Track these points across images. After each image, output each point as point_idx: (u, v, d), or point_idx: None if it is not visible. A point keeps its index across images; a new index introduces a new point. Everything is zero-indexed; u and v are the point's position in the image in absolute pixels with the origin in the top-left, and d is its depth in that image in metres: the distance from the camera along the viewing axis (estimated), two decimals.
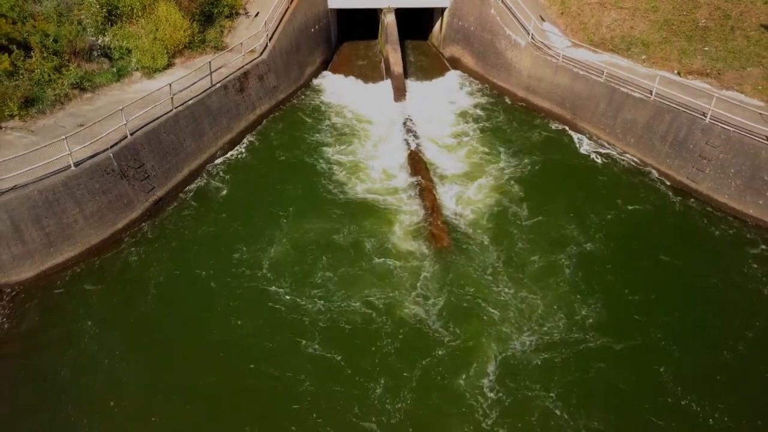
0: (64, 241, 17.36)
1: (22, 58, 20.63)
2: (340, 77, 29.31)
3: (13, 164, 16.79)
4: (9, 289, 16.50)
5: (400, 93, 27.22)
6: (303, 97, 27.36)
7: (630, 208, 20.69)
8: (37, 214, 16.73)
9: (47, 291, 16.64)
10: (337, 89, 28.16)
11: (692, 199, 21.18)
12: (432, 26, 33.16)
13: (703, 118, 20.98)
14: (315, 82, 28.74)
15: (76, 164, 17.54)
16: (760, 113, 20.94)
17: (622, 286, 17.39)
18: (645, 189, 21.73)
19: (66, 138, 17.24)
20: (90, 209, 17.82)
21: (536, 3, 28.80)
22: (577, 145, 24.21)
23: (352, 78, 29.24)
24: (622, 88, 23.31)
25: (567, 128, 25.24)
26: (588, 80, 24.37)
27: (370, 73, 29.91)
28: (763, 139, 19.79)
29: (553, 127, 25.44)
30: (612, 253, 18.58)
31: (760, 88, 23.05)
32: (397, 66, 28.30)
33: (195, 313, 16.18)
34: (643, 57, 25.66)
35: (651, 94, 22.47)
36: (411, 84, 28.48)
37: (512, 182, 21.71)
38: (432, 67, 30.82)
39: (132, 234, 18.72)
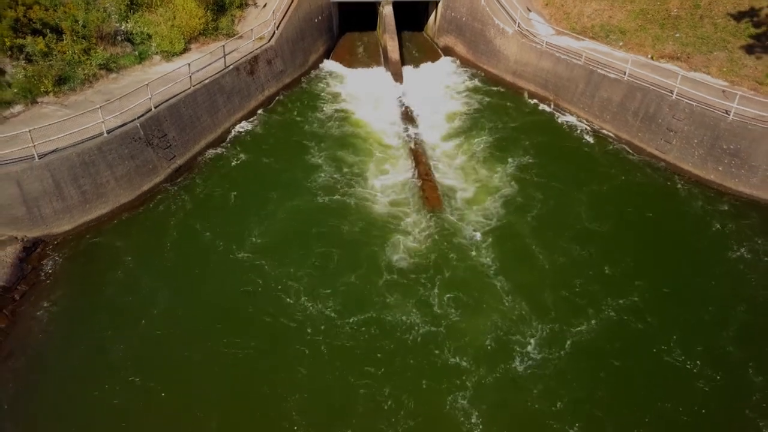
0: (97, 199, 19.57)
1: (54, 40, 22.77)
2: (341, 64, 31.51)
3: (53, 130, 19.00)
4: (50, 240, 18.69)
5: (397, 77, 29.44)
6: (308, 80, 29.59)
7: (603, 172, 23.02)
8: (75, 174, 18.94)
9: (83, 241, 18.85)
10: (338, 74, 30.41)
11: (661, 168, 23.42)
12: (427, 18, 35.41)
13: (671, 95, 23.24)
14: (318, 67, 30.96)
15: (109, 132, 19.75)
16: (723, 90, 23.23)
17: (586, 234, 19.72)
18: (618, 159, 24.00)
19: (100, 108, 19.47)
20: (120, 172, 20.04)
21: None
22: (559, 122, 26.47)
23: (352, 64, 31.45)
24: (599, 70, 25.58)
25: (550, 107, 27.48)
26: (569, 64, 26.63)
27: (369, 60, 32.15)
28: (722, 112, 22.06)
29: (537, 107, 27.69)
30: (582, 205, 21.04)
31: (724, 69, 25.33)
32: (394, 53, 30.53)
33: (207, 255, 18.56)
34: (621, 43, 27.92)
35: (625, 75, 24.73)
36: (407, 70, 30.65)
37: (494, 147, 24.11)
38: (426, 55, 33.06)
39: (156, 195, 20.93)
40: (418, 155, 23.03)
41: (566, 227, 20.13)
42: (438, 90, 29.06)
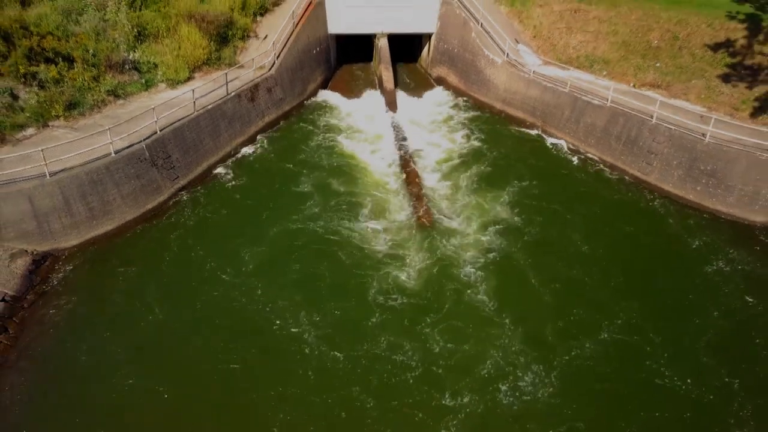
0: (104, 216, 20.55)
1: (66, 68, 24.06)
2: (338, 93, 32.82)
3: (64, 151, 20.08)
4: (59, 253, 19.60)
5: (391, 105, 30.72)
6: (306, 108, 30.86)
7: (589, 193, 24.06)
8: (84, 191, 19.97)
9: (89, 255, 19.76)
10: (335, 102, 31.66)
11: (643, 189, 24.47)
12: (421, 50, 36.96)
13: (651, 119, 24.45)
14: (317, 96, 32.27)
15: (116, 152, 20.84)
16: (701, 116, 24.44)
17: (575, 254, 20.61)
18: (603, 181, 25.08)
19: (109, 129, 20.61)
20: (126, 190, 21.06)
21: (512, 28, 32.60)
22: (547, 146, 27.63)
23: (348, 94, 32.76)
24: (583, 97, 26.86)
25: (538, 133, 28.67)
26: (555, 91, 27.93)
27: (365, 89, 33.47)
28: (699, 135, 23.22)
29: (525, 132, 28.88)
30: (571, 226, 21.94)
31: (702, 96, 26.60)
32: (389, 83, 31.90)
33: (205, 268, 19.45)
34: (604, 73, 29.29)
35: (607, 101, 25.98)
36: (401, 99, 31.93)
37: (484, 170, 25.18)
38: (420, 85, 34.45)
39: (159, 213, 21.91)
40: (411, 177, 24.09)
41: (555, 247, 20.96)
42: (431, 117, 30.30)
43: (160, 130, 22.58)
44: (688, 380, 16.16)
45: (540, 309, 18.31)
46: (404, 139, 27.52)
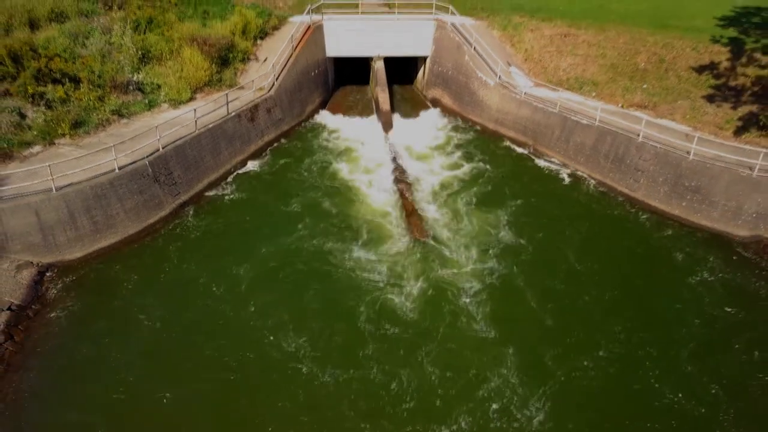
0: (108, 229, 21.23)
1: (72, 89, 24.97)
2: (336, 115, 33.74)
3: (70, 166, 20.84)
4: (63, 265, 20.23)
5: (387, 126, 31.59)
6: (304, 128, 31.75)
7: (580, 210, 24.76)
8: (88, 205, 20.68)
9: (92, 267, 20.39)
10: (333, 123, 32.55)
11: (631, 205, 25.19)
12: (416, 73, 38.01)
13: (637, 138, 25.28)
14: (315, 117, 33.18)
15: (120, 168, 21.60)
16: (686, 134, 25.28)
17: (568, 270, 21.25)
18: (592, 197, 25.79)
19: (113, 146, 21.39)
20: (129, 205, 21.77)
21: (504, 51, 33.65)
22: (538, 165, 28.41)
23: (346, 115, 33.67)
24: (572, 117, 27.73)
25: (529, 152, 29.49)
26: (545, 112, 28.81)
27: (362, 111, 34.40)
28: (684, 153, 24.02)
29: (517, 151, 29.71)
30: (563, 242, 22.56)
31: (688, 116, 27.46)
32: (385, 104, 32.81)
33: (203, 281, 20.08)
34: (593, 94, 30.21)
35: (596, 121, 26.84)
36: (397, 120, 32.81)
37: (477, 187, 25.89)
38: (416, 106, 35.38)
39: (161, 228, 22.59)
40: (405, 195, 24.82)
41: (548, 263, 21.42)
42: (426, 137, 31.12)
43: (163, 148, 23.37)
44: (676, 391, 16.50)
45: (533, 325, 18.68)
46: (399, 158, 28.30)
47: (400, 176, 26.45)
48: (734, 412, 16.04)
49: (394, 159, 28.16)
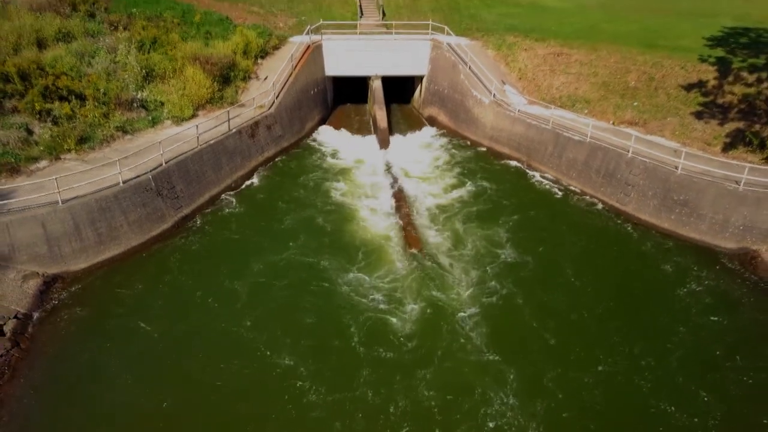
0: (111, 241, 21.81)
1: (78, 106, 25.70)
2: (334, 132, 34.54)
3: (76, 179, 21.49)
4: (68, 275, 20.79)
5: (384, 143, 32.34)
6: (304, 145, 32.48)
7: (573, 223, 25.36)
8: (93, 218, 21.29)
9: (96, 278, 20.93)
10: (332, 140, 33.33)
11: (622, 218, 25.81)
12: (413, 91, 38.89)
13: (627, 153, 25.99)
14: (314, 134, 33.94)
15: (124, 182, 22.25)
16: (674, 150, 26.00)
17: (562, 282, 21.81)
18: (584, 211, 26.42)
19: (118, 161, 22.08)
20: (133, 217, 22.39)
21: (498, 70, 34.54)
22: (532, 180, 29.09)
23: (344, 132, 34.46)
24: (565, 133, 28.48)
25: (523, 167, 30.20)
26: (539, 128, 29.58)
27: (360, 129, 35.20)
28: (672, 167, 24.72)
29: (511, 167, 30.42)
30: (557, 255, 23.13)
31: (677, 133, 28.23)
32: (382, 122, 33.59)
33: (202, 293, 20.57)
34: (586, 111, 31.00)
35: (587, 137, 27.58)
36: (394, 137, 33.55)
37: (471, 201, 26.53)
38: (413, 124, 36.18)
39: (163, 240, 23.16)
40: (401, 205, 25.48)
41: (543, 277, 21.83)
42: (422, 154, 31.85)
43: (166, 163, 24.04)
44: (669, 402, 16.87)
45: (530, 338, 19.06)
46: (395, 174, 28.97)
47: (396, 192, 27.10)
48: (721, 416, 16.49)
49: (391, 175, 28.84)
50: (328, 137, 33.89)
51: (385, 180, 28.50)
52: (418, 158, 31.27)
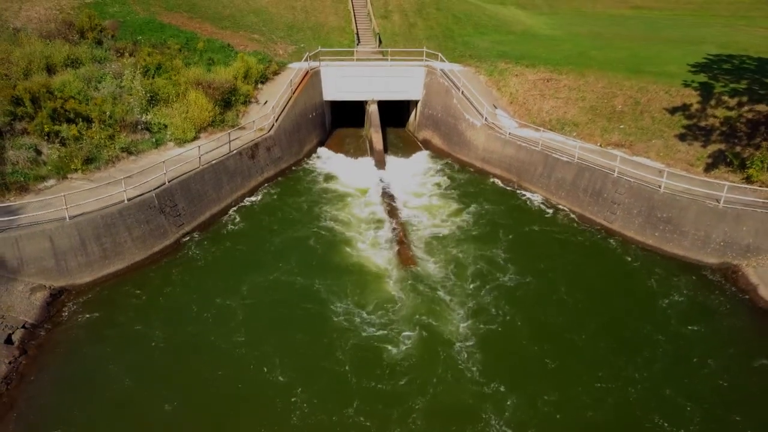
0: (116, 256, 22.67)
1: (85, 128, 26.78)
2: (332, 154, 35.64)
3: (82, 197, 22.44)
4: (74, 289, 21.61)
5: (380, 164, 33.41)
6: (302, 166, 33.55)
7: (562, 241, 26.27)
8: (99, 233, 22.18)
9: (100, 291, 21.75)
10: (329, 162, 34.42)
11: (609, 235, 26.72)
12: (408, 116, 40.13)
13: (613, 173, 27.02)
14: (312, 157, 35.04)
15: (129, 200, 23.20)
16: (659, 170, 27.03)
17: (554, 300, 22.64)
18: (573, 229, 27.34)
19: (123, 179, 23.06)
20: (136, 234, 23.28)
21: (490, 95, 35.79)
22: (522, 200, 30.06)
23: (342, 155, 35.55)
24: (553, 155, 29.56)
25: (514, 188, 31.22)
26: (528, 150, 30.67)
27: (357, 151, 36.31)
28: (655, 186, 25.72)
29: (502, 187, 31.44)
30: (546, 271, 23.98)
31: (661, 154, 29.31)
32: (378, 144, 34.72)
33: (198, 308, 21.38)
34: (574, 134, 32.14)
35: (575, 158, 28.64)
36: (390, 160, 34.66)
37: (462, 218, 27.46)
38: (408, 147, 37.33)
39: (165, 255, 24.05)
40: (393, 221, 26.44)
41: (533, 294, 22.58)
42: (417, 176, 32.87)
43: (169, 182, 25.03)
44: (655, 412, 17.65)
45: (523, 356, 19.73)
46: (391, 194, 29.96)
47: (391, 210, 28.04)
48: (699, 419, 17.20)
49: (386, 195, 29.81)
50: (326, 159, 34.98)
51: (380, 200, 29.42)
52: (413, 179, 32.29)
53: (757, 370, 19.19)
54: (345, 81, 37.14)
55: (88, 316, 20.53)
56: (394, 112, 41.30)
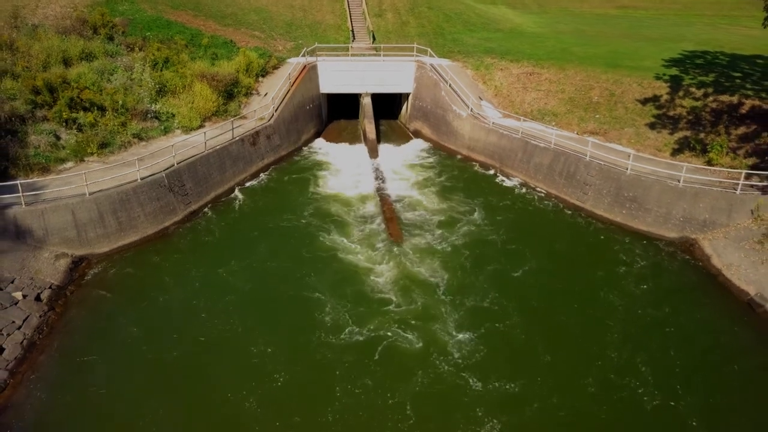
0: (130, 229, 25.02)
1: (100, 116, 29.12)
2: (328, 143, 38.02)
3: (100, 175, 24.79)
4: (92, 257, 23.96)
5: (373, 153, 35.76)
6: (300, 154, 35.94)
7: (539, 220, 28.63)
8: (115, 208, 24.52)
9: (117, 259, 24.10)
10: (325, 150, 36.81)
11: (581, 214, 29.08)
12: (400, 108, 42.51)
13: (585, 157, 29.38)
14: (310, 145, 37.45)
15: (142, 179, 25.55)
16: (628, 154, 29.37)
17: (514, 260, 24.99)
18: (549, 209, 29.70)
19: (137, 160, 25.43)
20: (148, 209, 25.62)
21: (476, 87, 38.16)
22: (503, 184, 32.44)
23: (337, 144, 37.94)
24: (532, 141, 31.92)
25: (496, 172, 33.59)
26: (510, 138, 33.04)
27: (352, 141, 38.68)
28: (623, 168, 28.07)
29: (486, 173, 33.80)
30: (522, 247, 26.27)
31: (632, 141, 31.68)
32: (371, 134, 37.08)
33: (211, 273, 23.74)
34: (554, 123, 34.49)
35: (551, 144, 31.01)
36: (383, 149, 36.98)
37: (449, 203, 29.80)
38: (399, 137, 39.70)
39: (174, 230, 26.39)
40: (384, 201, 28.80)
41: (511, 267, 24.67)
42: (408, 164, 35.19)
43: (177, 164, 27.38)
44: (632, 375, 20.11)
45: (493, 314, 22.10)
46: (383, 181, 32.28)
47: (382, 192, 30.41)
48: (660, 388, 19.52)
49: (379, 182, 32.13)
50: (323, 147, 37.37)
51: (372, 183, 31.78)
52: (404, 167, 34.60)
53: (703, 319, 22.00)
54: (340, 75, 39.53)
55: (104, 281, 22.85)
56: (387, 105, 43.69)
